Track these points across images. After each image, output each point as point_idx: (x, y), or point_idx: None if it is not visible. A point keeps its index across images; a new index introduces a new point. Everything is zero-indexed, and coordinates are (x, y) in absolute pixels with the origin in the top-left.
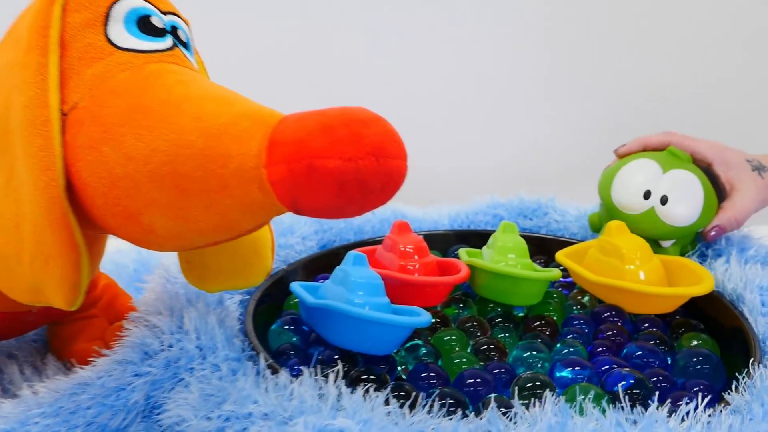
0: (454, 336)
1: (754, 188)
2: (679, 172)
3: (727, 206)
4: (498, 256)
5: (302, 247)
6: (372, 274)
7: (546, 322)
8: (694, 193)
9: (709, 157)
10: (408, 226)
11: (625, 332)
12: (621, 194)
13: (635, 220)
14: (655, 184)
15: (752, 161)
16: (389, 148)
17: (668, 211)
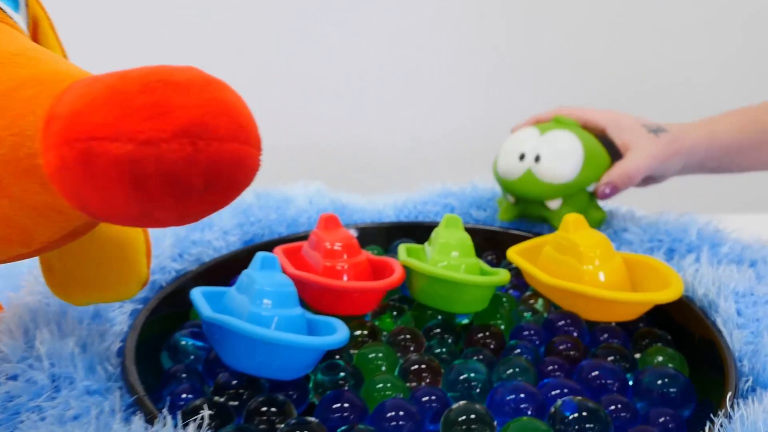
0: (380, 353)
1: (648, 146)
2: (554, 132)
3: (619, 163)
4: (438, 256)
5: (222, 243)
6: (282, 281)
7: (491, 333)
8: (569, 149)
9: (603, 123)
10: (336, 219)
11: (581, 346)
12: (500, 163)
13: (515, 184)
14: (530, 146)
15: (649, 125)
16: (217, 125)
17: (542, 169)
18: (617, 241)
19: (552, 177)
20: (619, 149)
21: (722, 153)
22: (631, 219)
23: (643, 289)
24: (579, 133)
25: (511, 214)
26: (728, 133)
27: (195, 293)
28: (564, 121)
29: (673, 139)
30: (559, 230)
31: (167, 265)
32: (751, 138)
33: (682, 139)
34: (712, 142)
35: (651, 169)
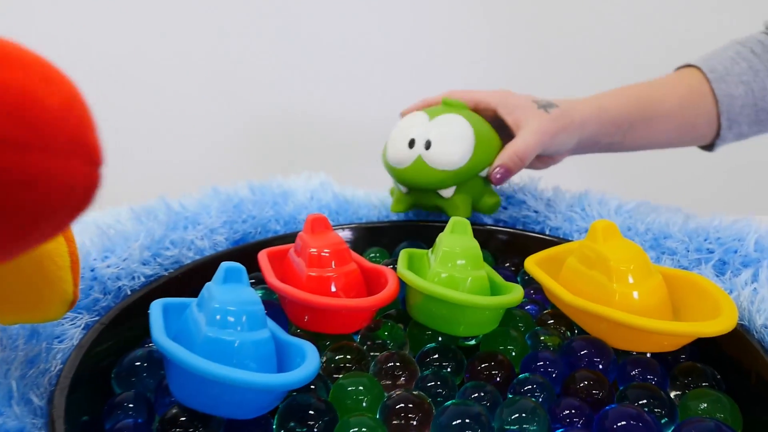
0: (361, 385)
1: (538, 122)
2: (444, 116)
3: (509, 144)
4: (440, 267)
5: (205, 244)
6: (247, 298)
7: (497, 363)
8: (459, 133)
9: (493, 103)
10: (325, 221)
11: (606, 384)
12: (390, 151)
13: (406, 173)
14: (419, 131)
15: (539, 101)
16: (14, 125)
17: (433, 155)
18: (656, 249)
19: (443, 163)
20: (510, 128)
21: (614, 128)
22: (674, 223)
23: (687, 313)
24: (468, 115)
25: (404, 204)
26: (618, 107)
27: (154, 307)
28: (453, 103)
29: (562, 114)
30: (587, 238)
31: (137, 269)
32: (641, 113)
33: (571, 113)
34: (602, 115)
35: (542, 146)
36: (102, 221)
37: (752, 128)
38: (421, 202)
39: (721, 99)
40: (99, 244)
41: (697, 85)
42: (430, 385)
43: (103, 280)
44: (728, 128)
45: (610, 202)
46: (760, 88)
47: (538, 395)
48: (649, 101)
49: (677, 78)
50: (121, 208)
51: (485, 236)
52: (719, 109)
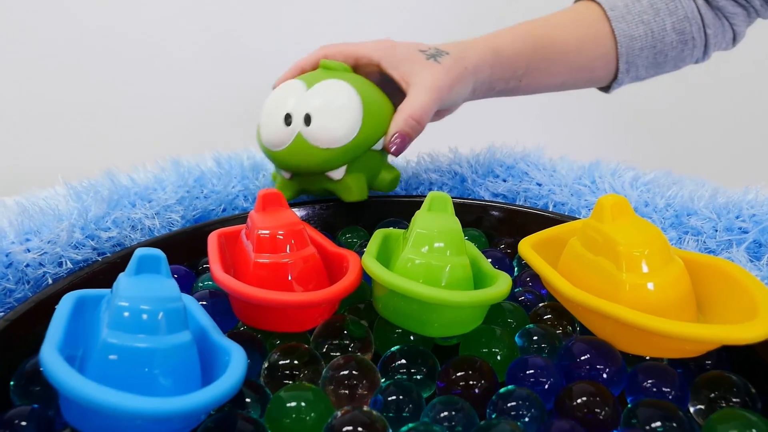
0: (304, 401)
1: (431, 76)
2: (324, 83)
3: (401, 106)
4: (412, 252)
5: (155, 223)
6: (163, 294)
7: (476, 370)
8: (343, 101)
9: (375, 56)
10: (279, 196)
11: (610, 400)
12: (264, 131)
13: (286, 156)
14: (295, 104)
15: (427, 50)
16: None
17: (314, 131)
18: (678, 228)
19: (328, 140)
20: (399, 85)
21: (509, 71)
22: (700, 197)
23: (715, 310)
24: (352, 79)
25: (289, 192)
26: (513, 48)
27: (64, 302)
28: (332, 66)
29: (454, 62)
30: (592, 217)
31: (65, 254)
32: (538, 54)
33: (465, 58)
34: (497, 59)
35: (439, 102)
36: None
37: (649, 71)
38: (307, 187)
39: (620, 40)
40: (19, 224)
41: (596, 24)
42: (391, 399)
43: (20, 267)
44: (626, 72)
45: (625, 174)
46: (660, 29)
47: (524, 414)
48: (546, 42)
49: (576, 14)
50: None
51: (478, 212)
52: (618, 51)
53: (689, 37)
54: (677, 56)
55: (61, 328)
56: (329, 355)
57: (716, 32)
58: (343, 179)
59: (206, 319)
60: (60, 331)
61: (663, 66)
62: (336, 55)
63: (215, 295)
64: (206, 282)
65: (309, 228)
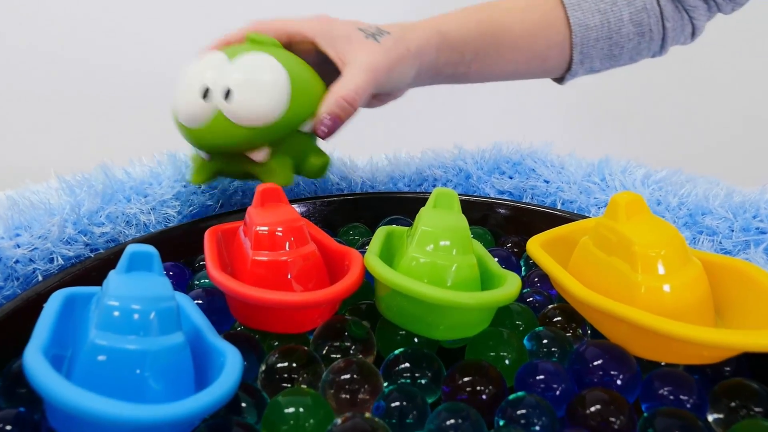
0: (303, 406)
1: (367, 56)
2: (248, 56)
3: (334, 87)
4: (417, 250)
5: (152, 219)
6: (156, 293)
7: (483, 376)
8: (269, 77)
9: (310, 34)
10: (279, 192)
11: (626, 408)
12: (178, 105)
13: (203, 133)
14: (215, 77)
15: (367, 29)
16: None
17: (236, 107)
18: (692, 228)
19: (251, 117)
20: (335, 64)
21: (457, 56)
22: (715, 195)
23: (734, 314)
24: (280, 54)
25: (205, 173)
26: (461, 32)
27: (53, 300)
28: (260, 40)
29: (395, 43)
30: (605, 215)
31: (56, 250)
32: (488, 40)
33: (406, 39)
34: (444, 42)
35: (375, 85)
36: (27, 194)
37: (604, 63)
38: (227, 169)
39: (575, 29)
40: (9, 219)
41: (551, 11)
42: (394, 405)
43: (9, 264)
44: (580, 62)
45: (636, 171)
46: (617, 20)
47: (535, 422)
48: (497, 27)
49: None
50: (52, 180)
51: (484, 210)
52: (572, 41)
53: (647, 29)
54: (633, 49)
55: (48, 327)
56: (330, 358)
57: (675, 26)
58: (267, 162)
59: (201, 319)
60: (46, 331)
61: (618, 58)
62: (267, 31)
63: (211, 293)
64: (202, 280)
65: (309, 225)
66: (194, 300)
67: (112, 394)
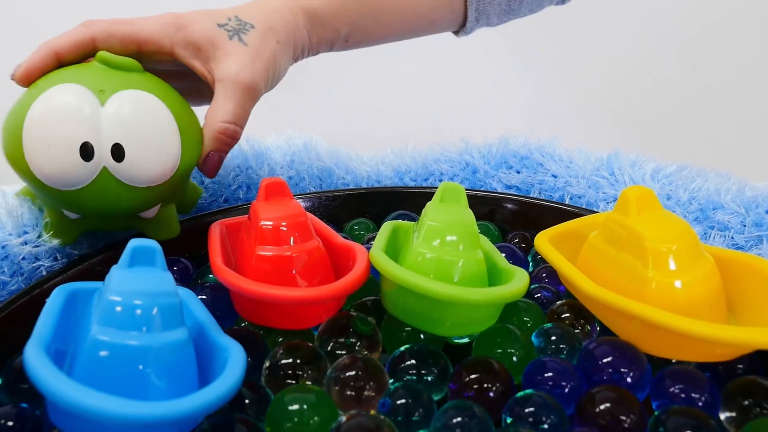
0: (306, 403)
1: (238, 68)
2: (122, 96)
3: (210, 117)
4: (423, 245)
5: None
6: (158, 288)
7: (490, 373)
8: (160, 126)
9: (166, 43)
10: (283, 186)
11: (636, 406)
12: (41, 161)
13: (82, 196)
14: (96, 130)
15: (227, 24)
16: None
17: (130, 169)
18: (703, 223)
19: (148, 179)
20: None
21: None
22: (727, 190)
23: (746, 310)
24: (155, 89)
25: (73, 233)
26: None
27: (56, 295)
28: (117, 63)
29: (263, 38)
30: (615, 210)
31: (60, 248)
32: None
33: (274, 30)
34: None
35: (256, 100)
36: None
37: (502, 18)
38: (102, 226)
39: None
40: (19, 215)
41: None
42: (400, 403)
43: (16, 260)
44: (476, 20)
45: (646, 165)
46: None
47: (543, 421)
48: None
49: None
50: None
51: (491, 205)
52: (467, 1)
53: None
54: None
55: (51, 323)
56: (335, 354)
57: None
58: (157, 215)
59: (205, 315)
60: (48, 326)
61: (518, 11)
62: (110, 40)
63: (216, 289)
64: (207, 275)
65: (314, 219)
66: (198, 295)
67: (114, 390)
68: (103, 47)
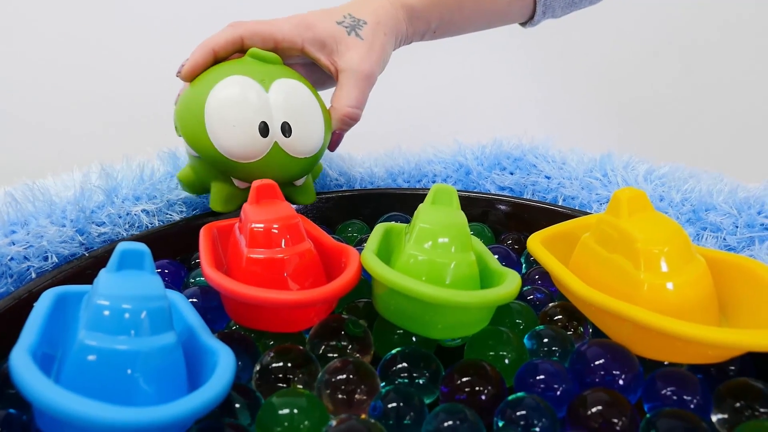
0: (297, 408)
1: (359, 59)
2: (280, 85)
3: (335, 103)
4: (414, 247)
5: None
6: (146, 292)
7: (482, 376)
8: (313, 110)
9: (298, 41)
10: (275, 189)
11: (627, 408)
12: (231, 139)
13: (259, 167)
14: (269, 112)
15: (344, 21)
16: None
17: (295, 142)
18: (696, 224)
19: (308, 150)
20: (326, 69)
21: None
22: (719, 191)
23: (738, 312)
24: (299, 78)
25: (238, 201)
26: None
27: (43, 299)
28: (266, 58)
29: (374, 31)
30: (607, 211)
31: (50, 248)
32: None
33: (381, 24)
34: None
35: (372, 86)
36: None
37: (565, 10)
38: None
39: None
40: (8, 216)
41: None
42: (391, 406)
43: (4, 261)
44: (542, 14)
45: (639, 166)
46: None
47: (535, 423)
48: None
49: None
50: (67, 176)
51: (484, 206)
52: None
53: None
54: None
55: (38, 327)
56: (326, 357)
57: None
58: (304, 183)
59: (195, 318)
60: (35, 330)
61: (579, 3)
62: (253, 38)
63: (206, 291)
64: (198, 278)
65: (306, 221)
66: (189, 298)
67: (102, 396)
68: (249, 45)
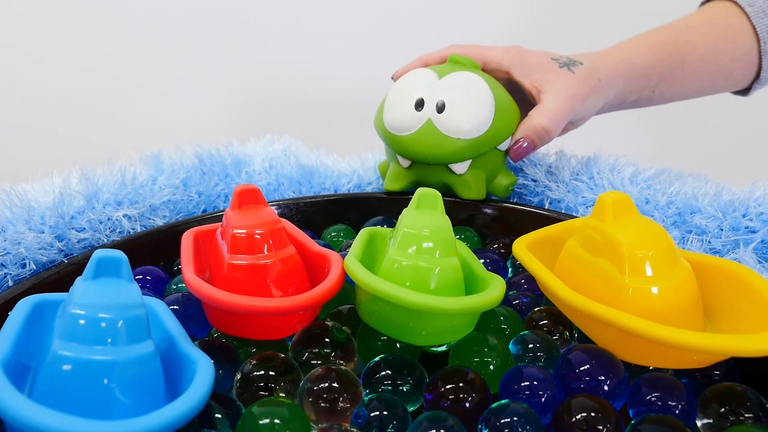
0: (278, 417)
1: (564, 86)
2: (457, 75)
3: (533, 113)
4: (398, 253)
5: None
6: (124, 298)
7: (466, 383)
8: (477, 95)
9: (505, 63)
10: (257, 193)
11: (612, 415)
12: (390, 113)
13: (413, 141)
14: (429, 91)
15: (559, 59)
16: None
17: (448, 120)
18: (681, 227)
19: (460, 130)
20: (528, 93)
21: (642, 83)
22: (704, 194)
23: (724, 317)
24: (485, 77)
25: (403, 181)
26: (645, 59)
27: (19, 308)
28: (462, 61)
29: (589, 72)
30: (592, 215)
31: (28, 255)
32: (672, 63)
33: (598, 69)
34: (630, 71)
35: (571, 114)
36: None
37: None
38: (424, 178)
39: (763, 36)
40: None
41: (733, 23)
42: (374, 415)
43: None
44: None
45: (625, 169)
46: None
47: (520, 431)
48: (681, 48)
49: (708, 16)
50: (47, 180)
51: (470, 210)
52: (761, 49)
53: None
54: None
55: (12, 337)
56: (309, 365)
57: None
58: (466, 174)
59: (175, 326)
60: (10, 340)
61: None
62: (465, 55)
63: (188, 298)
64: (180, 284)
65: (289, 226)
66: (170, 305)
67: (77, 407)
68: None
